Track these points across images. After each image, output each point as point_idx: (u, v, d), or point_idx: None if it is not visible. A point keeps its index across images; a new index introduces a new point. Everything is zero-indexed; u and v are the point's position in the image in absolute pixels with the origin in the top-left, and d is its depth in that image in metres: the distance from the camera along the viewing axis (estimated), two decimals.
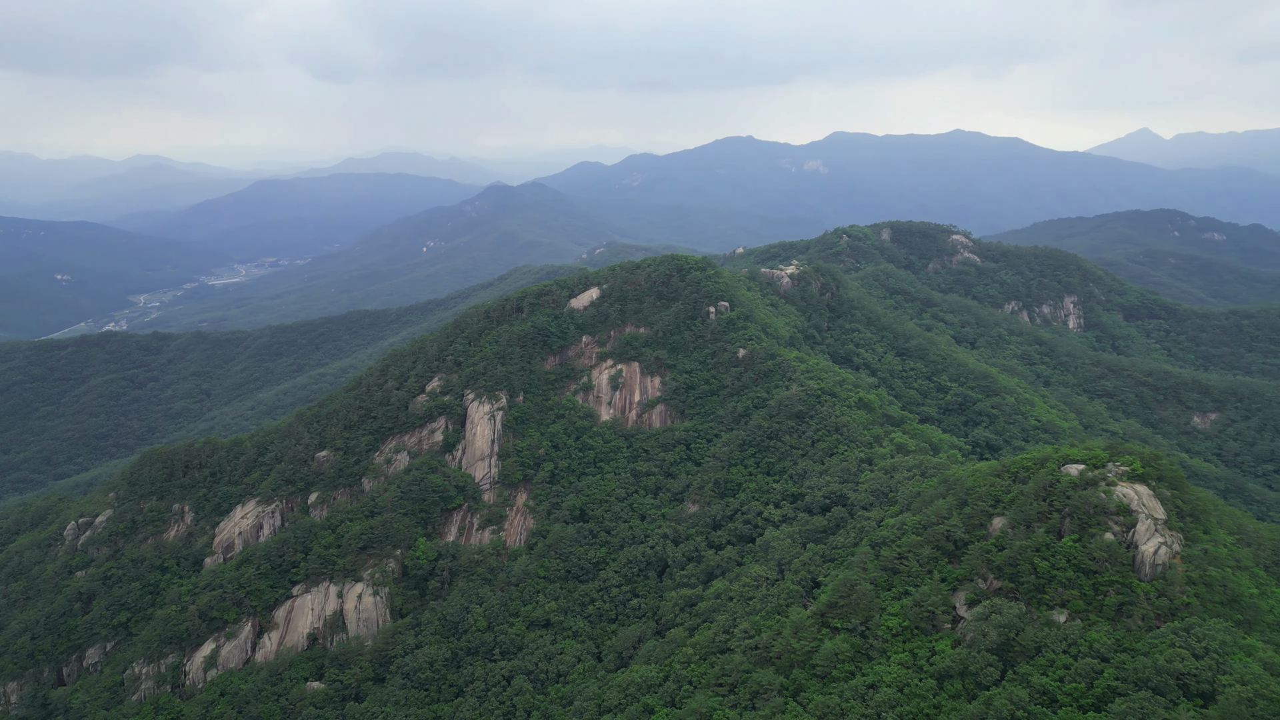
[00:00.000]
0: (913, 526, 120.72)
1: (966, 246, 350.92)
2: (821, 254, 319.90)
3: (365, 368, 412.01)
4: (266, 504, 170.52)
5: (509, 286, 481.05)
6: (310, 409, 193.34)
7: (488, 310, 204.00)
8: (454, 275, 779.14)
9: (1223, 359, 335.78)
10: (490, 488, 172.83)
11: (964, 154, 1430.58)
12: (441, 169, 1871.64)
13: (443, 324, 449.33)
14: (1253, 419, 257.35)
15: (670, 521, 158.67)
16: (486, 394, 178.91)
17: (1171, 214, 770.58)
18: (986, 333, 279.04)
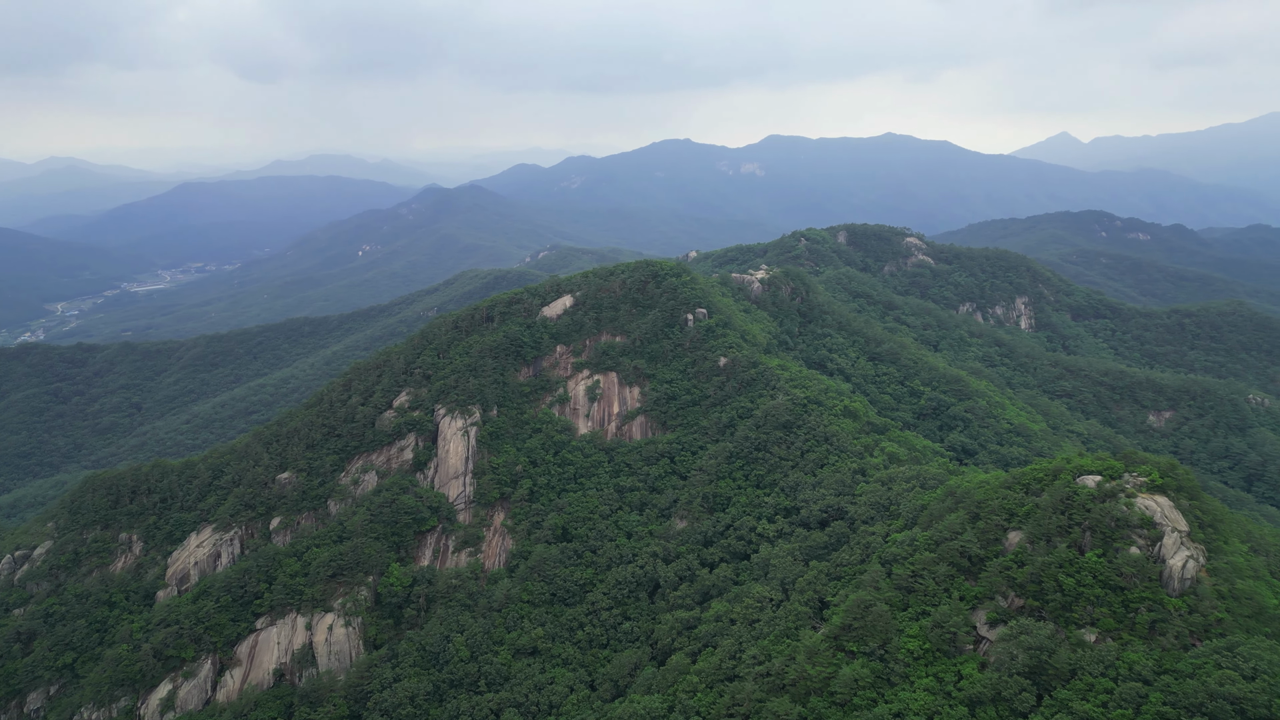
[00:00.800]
0: (925, 543, 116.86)
1: (920, 249, 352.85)
2: (780, 257, 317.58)
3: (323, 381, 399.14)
4: (224, 531, 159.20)
5: (456, 291, 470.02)
6: (269, 428, 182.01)
7: (456, 320, 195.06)
8: (393, 280, 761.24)
9: (1167, 357, 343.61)
10: (465, 507, 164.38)
11: (896, 157, 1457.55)
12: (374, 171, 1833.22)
13: (389, 330, 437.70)
14: (1206, 416, 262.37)
15: (659, 539, 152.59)
16: (459, 408, 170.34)
17: (1099, 215, 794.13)
18: (948, 335, 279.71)
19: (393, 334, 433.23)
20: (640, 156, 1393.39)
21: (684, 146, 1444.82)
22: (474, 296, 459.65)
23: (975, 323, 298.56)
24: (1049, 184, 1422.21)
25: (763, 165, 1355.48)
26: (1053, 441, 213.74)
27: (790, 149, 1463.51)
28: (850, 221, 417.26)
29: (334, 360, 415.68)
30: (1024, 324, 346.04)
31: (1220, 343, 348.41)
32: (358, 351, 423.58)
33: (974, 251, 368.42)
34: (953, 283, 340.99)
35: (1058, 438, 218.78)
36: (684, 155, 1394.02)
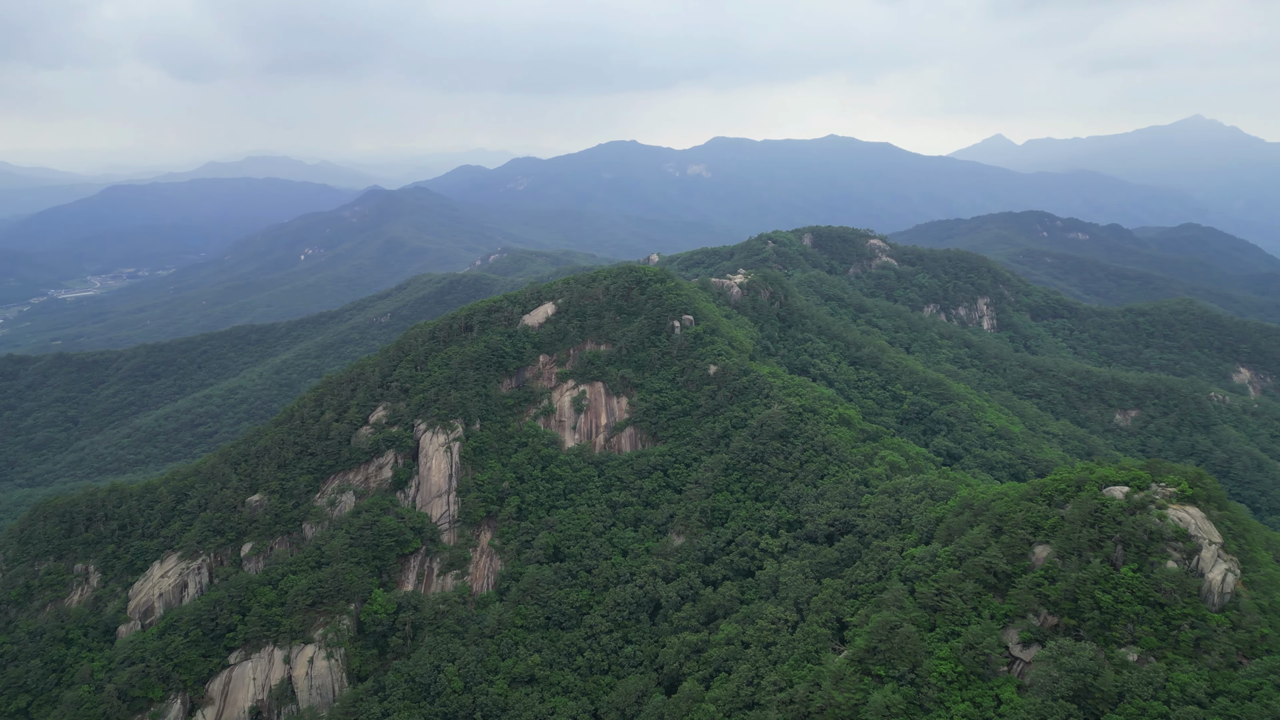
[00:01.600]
0: (947, 559, 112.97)
1: (884, 250, 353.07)
2: (747, 260, 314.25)
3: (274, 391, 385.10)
4: (191, 559, 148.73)
5: (410, 296, 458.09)
6: (236, 447, 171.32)
7: (433, 330, 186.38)
8: (338, 284, 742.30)
9: (1123, 355, 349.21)
10: (450, 527, 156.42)
11: (839, 158, 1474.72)
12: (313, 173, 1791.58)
13: (341, 337, 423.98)
14: (1170, 415, 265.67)
15: (657, 557, 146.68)
16: (440, 423, 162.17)
17: (1040, 215, 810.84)
18: (919, 337, 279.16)
19: (345, 341, 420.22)
20: (587, 158, 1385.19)
21: (630, 148, 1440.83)
22: (429, 301, 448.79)
23: (945, 325, 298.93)
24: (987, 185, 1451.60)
25: (709, 167, 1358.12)
26: (1033, 444, 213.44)
27: (735, 150, 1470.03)
28: (797, 223, 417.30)
29: (284, 369, 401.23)
30: (986, 324, 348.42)
31: (1174, 340, 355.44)
32: (309, 360, 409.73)
33: (936, 253, 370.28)
34: (917, 284, 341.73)
35: (1038, 440, 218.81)
36: (631, 157, 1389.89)
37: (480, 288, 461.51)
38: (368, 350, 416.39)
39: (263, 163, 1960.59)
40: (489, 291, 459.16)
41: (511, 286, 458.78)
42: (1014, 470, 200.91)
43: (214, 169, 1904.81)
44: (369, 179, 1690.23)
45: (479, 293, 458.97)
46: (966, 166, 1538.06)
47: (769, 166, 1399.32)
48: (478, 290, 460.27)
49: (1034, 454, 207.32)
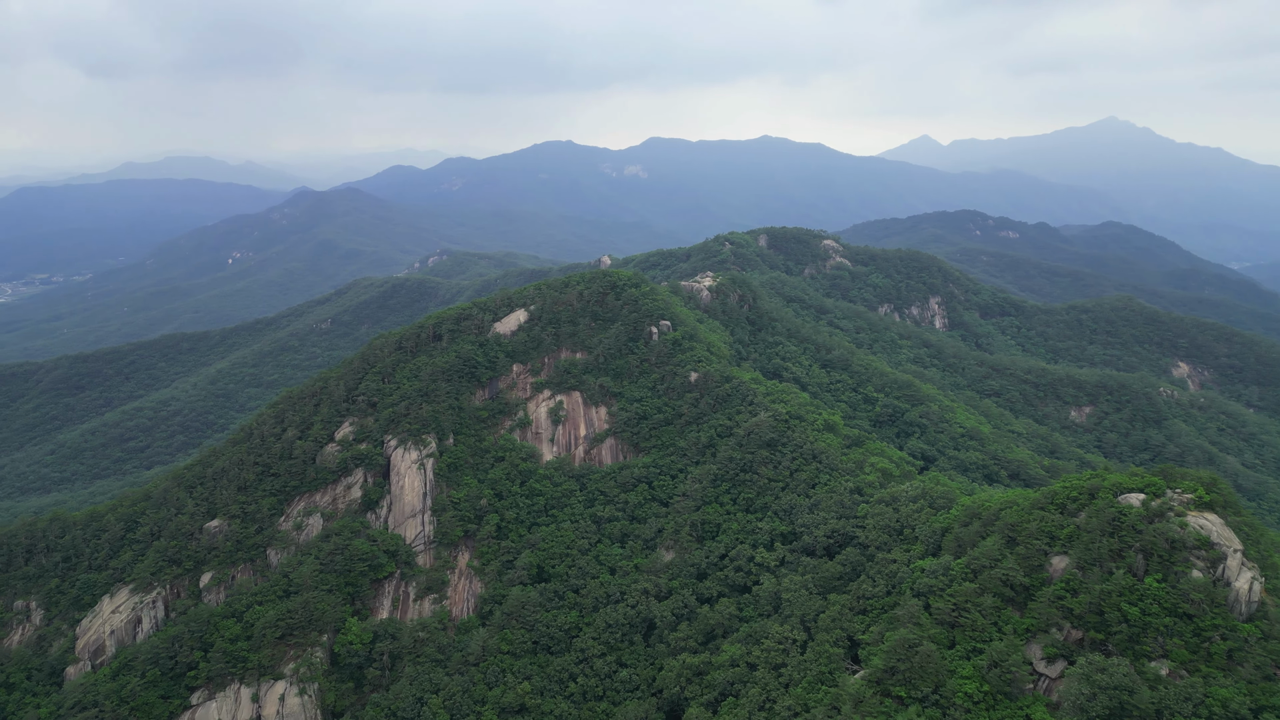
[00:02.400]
0: (961, 572, 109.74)
1: (838, 251, 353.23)
2: (705, 262, 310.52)
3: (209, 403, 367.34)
4: (145, 592, 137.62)
5: (350, 301, 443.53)
6: (190, 469, 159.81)
7: (399, 339, 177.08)
8: (269, 289, 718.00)
9: (1069, 352, 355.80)
10: (425, 549, 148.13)
11: (773, 158, 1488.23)
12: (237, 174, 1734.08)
13: (279, 345, 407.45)
14: (1123, 410, 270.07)
15: (647, 574, 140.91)
16: (412, 438, 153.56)
17: (972, 214, 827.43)
18: (880, 337, 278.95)
19: (285, 348, 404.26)
20: (522, 158, 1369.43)
21: (566, 148, 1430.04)
22: (371, 306, 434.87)
23: (904, 325, 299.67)
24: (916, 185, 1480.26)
25: (645, 167, 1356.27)
26: (1004, 445, 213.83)
27: (671, 151, 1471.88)
28: (734, 223, 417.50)
29: (220, 379, 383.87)
30: (938, 323, 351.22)
31: (1116, 336, 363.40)
32: (246, 369, 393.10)
33: (888, 253, 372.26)
34: (871, 284, 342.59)
35: (1007, 440, 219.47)
36: (566, 157, 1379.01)
37: (424, 291, 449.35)
38: (308, 358, 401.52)
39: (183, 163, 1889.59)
40: (433, 295, 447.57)
41: (457, 290, 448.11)
42: (988, 471, 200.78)
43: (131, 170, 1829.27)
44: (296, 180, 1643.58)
45: (423, 297, 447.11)
46: (896, 167, 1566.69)
47: (705, 167, 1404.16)
48: (421, 294, 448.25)
49: (1005, 454, 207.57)
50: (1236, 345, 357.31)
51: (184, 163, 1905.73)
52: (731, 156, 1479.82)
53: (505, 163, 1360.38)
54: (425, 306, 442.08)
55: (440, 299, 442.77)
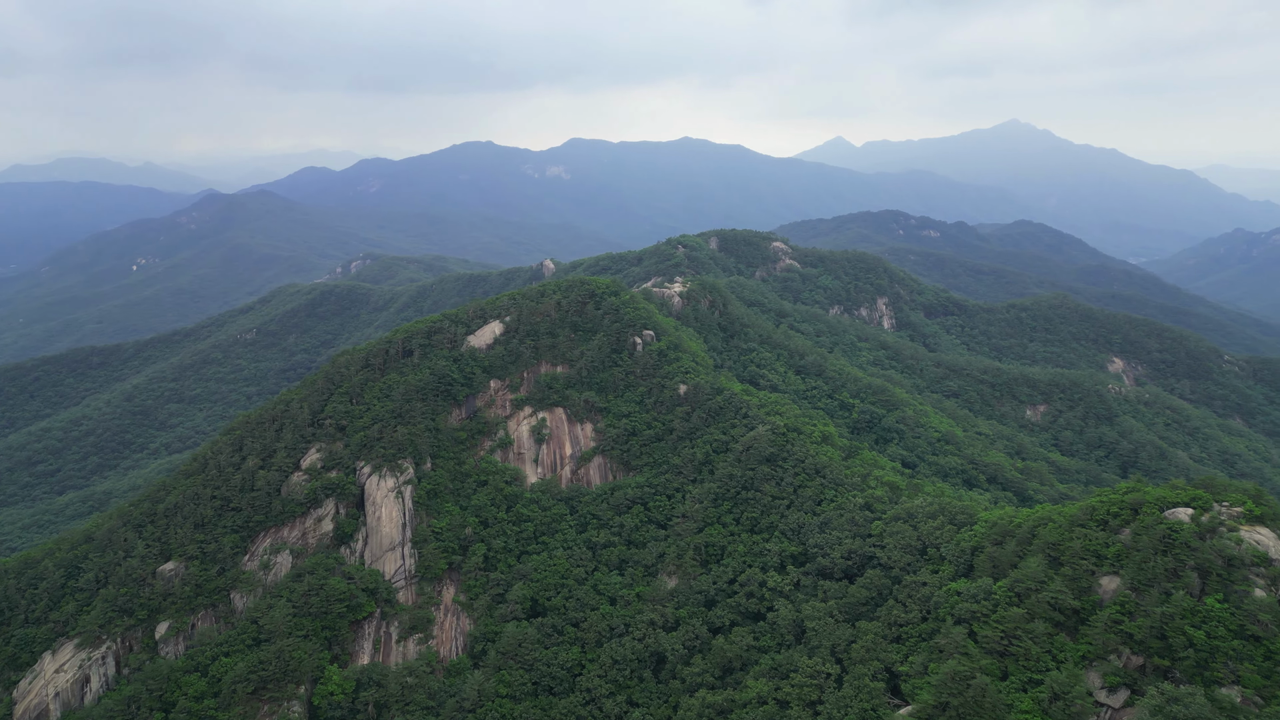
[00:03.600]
0: (1005, 595, 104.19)
1: (787, 253, 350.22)
2: (658, 266, 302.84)
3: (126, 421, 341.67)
4: (92, 646, 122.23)
5: (277, 310, 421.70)
6: (138, 505, 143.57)
7: (366, 356, 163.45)
8: (180, 296, 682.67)
9: (1011, 350, 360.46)
10: (406, 584, 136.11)
11: (694, 160, 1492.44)
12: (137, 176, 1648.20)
13: (202, 357, 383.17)
14: (1077, 408, 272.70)
15: (651, 603, 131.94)
16: (387, 464, 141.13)
17: (895, 214, 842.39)
18: (840, 340, 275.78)
19: (207, 361, 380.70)
20: (441, 159, 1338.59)
21: (486, 149, 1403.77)
22: (300, 314, 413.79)
23: (863, 327, 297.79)
24: (833, 186, 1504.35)
25: (568, 169, 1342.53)
26: (978, 448, 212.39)
27: (593, 152, 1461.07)
28: (660, 224, 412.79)
29: (137, 395, 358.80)
30: (886, 324, 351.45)
31: (1054, 334, 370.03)
32: (166, 384, 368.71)
33: (836, 254, 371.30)
34: (821, 286, 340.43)
35: (981, 442, 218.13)
36: (487, 158, 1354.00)
37: (354, 298, 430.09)
38: (234, 371, 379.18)
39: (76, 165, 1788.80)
40: (365, 302, 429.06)
41: (390, 297, 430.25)
42: (967, 476, 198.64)
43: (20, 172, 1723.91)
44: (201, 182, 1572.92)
45: (354, 304, 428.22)
46: (813, 168, 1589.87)
47: (627, 168, 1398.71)
48: (352, 301, 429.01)
49: (982, 458, 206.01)
50: (1167, 340, 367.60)
51: (78, 164, 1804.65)
52: (653, 158, 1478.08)
53: (424, 164, 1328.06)
54: (356, 314, 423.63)
55: (372, 306, 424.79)
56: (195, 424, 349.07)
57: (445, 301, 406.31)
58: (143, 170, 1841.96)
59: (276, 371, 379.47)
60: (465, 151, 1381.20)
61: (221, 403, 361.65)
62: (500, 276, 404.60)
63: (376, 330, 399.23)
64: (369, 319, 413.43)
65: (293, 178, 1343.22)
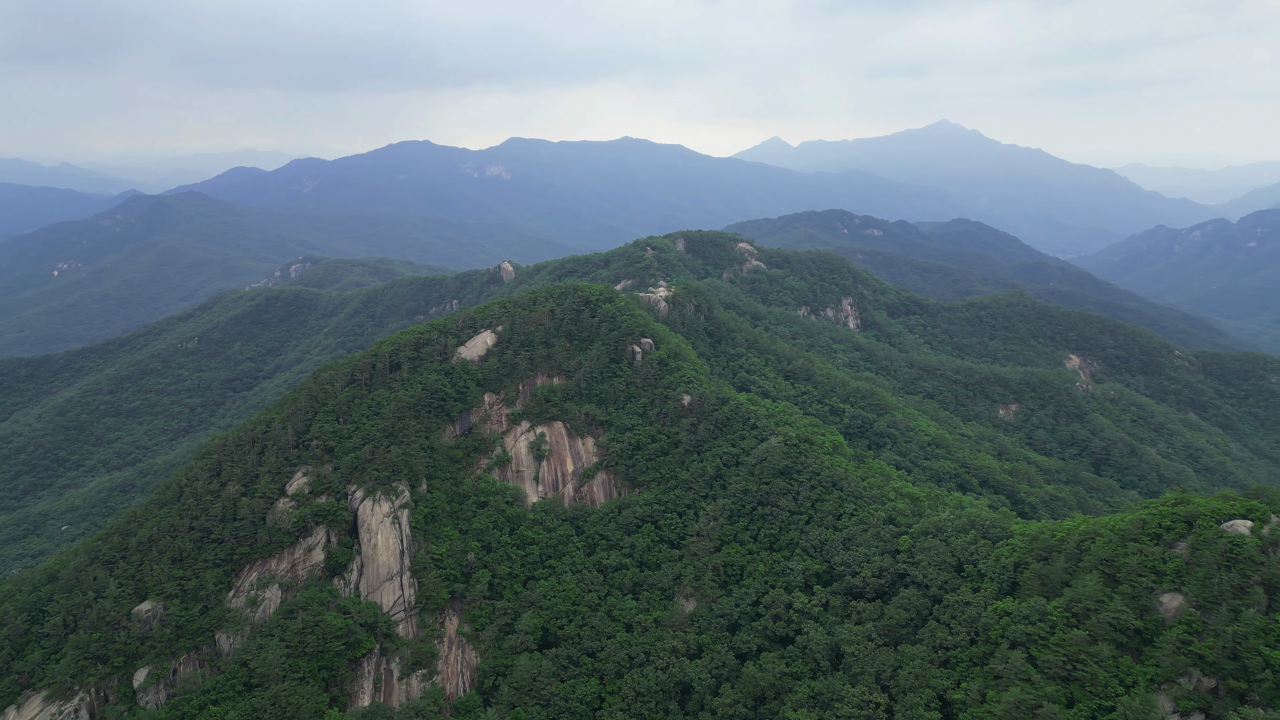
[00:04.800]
0: (1061, 616, 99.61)
1: (753, 254, 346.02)
2: (627, 269, 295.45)
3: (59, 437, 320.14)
4: (63, 699, 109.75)
5: (219, 316, 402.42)
6: (106, 540, 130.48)
7: (352, 371, 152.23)
8: (107, 303, 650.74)
9: (973, 348, 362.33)
10: (406, 617, 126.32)
11: (634, 159, 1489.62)
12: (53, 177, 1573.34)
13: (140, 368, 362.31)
14: (1048, 406, 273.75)
15: (671, 629, 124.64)
16: (381, 487, 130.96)
17: (840, 214, 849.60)
18: (816, 342, 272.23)
19: (147, 372, 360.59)
20: (377, 159, 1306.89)
21: (424, 149, 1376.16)
22: (245, 321, 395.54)
23: (836, 329, 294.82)
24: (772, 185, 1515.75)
25: (508, 168, 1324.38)
26: (967, 451, 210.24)
27: (533, 152, 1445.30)
28: (603, 225, 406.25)
29: (70, 409, 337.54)
30: (851, 324, 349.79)
31: (1013, 331, 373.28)
32: (101, 397, 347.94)
33: (800, 255, 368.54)
34: (788, 287, 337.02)
35: (970, 444, 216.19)
36: (425, 158, 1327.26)
37: (302, 304, 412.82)
38: (175, 382, 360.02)
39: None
40: (313, 307, 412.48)
41: (340, 302, 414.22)
42: (961, 480, 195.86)
43: None
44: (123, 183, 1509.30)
45: (301, 309, 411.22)
46: (753, 168, 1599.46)
47: (567, 168, 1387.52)
48: (300, 306, 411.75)
49: (972, 461, 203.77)
50: (1120, 336, 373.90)
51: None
52: (593, 157, 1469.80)
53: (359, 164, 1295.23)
54: (304, 319, 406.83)
55: (321, 311, 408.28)
56: (135, 439, 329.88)
57: (399, 306, 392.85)
58: (59, 171, 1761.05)
59: (222, 381, 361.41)
60: (402, 151, 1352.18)
61: (163, 415, 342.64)
62: (456, 280, 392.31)
63: (327, 336, 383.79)
64: (318, 325, 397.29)
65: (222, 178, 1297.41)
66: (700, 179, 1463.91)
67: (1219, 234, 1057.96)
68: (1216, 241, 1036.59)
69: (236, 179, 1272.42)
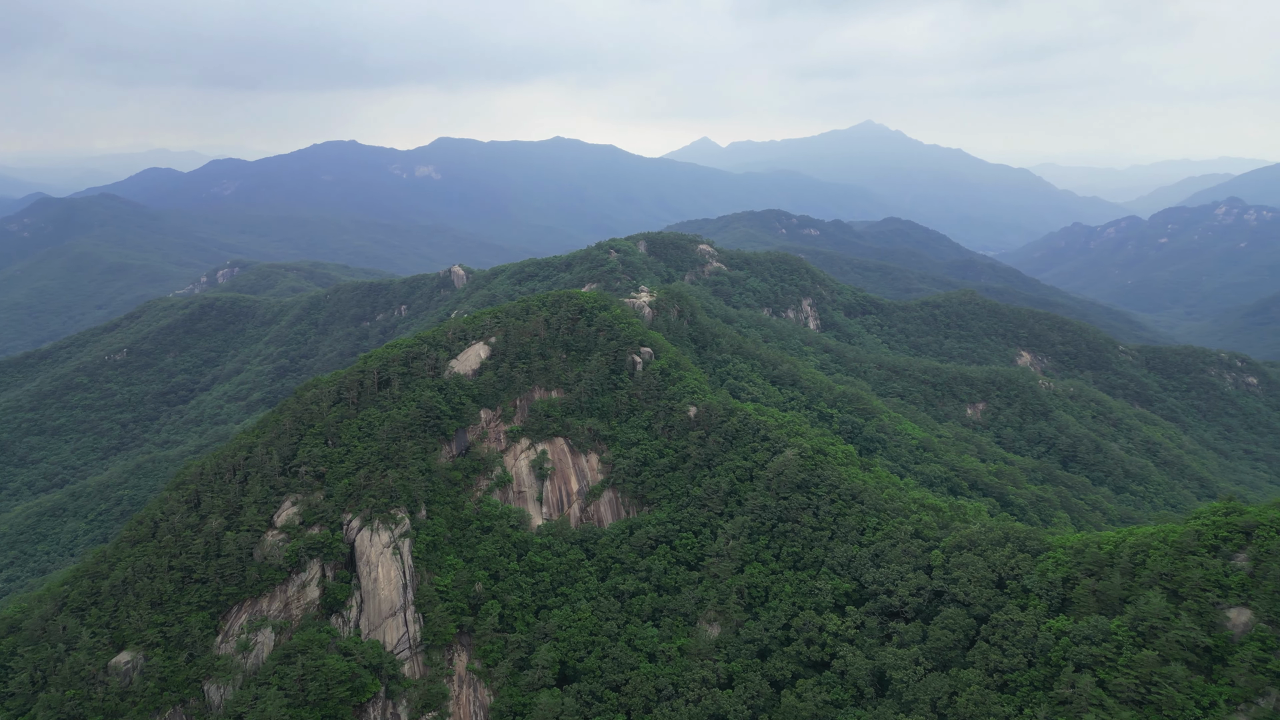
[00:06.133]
0: (1127, 635, 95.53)
1: (714, 256, 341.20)
2: (592, 272, 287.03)
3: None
4: None
5: (149, 327, 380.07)
6: (75, 583, 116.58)
7: (338, 389, 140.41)
8: (16, 313, 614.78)
9: (929, 346, 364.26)
10: (412, 655, 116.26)
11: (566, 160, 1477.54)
12: None
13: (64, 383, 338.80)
14: (1014, 405, 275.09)
15: (697, 657, 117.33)
16: (379, 516, 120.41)
17: (778, 213, 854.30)
18: (787, 345, 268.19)
19: (71, 386, 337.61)
20: (302, 159, 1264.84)
21: (351, 149, 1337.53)
22: (178, 331, 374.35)
23: (807, 331, 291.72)
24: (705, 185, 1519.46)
25: (438, 168, 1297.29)
26: (954, 453, 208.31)
27: (463, 151, 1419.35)
28: (538, 225, 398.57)
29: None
30: (812, 324, 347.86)
31: (967, 330, 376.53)
32: (22, 414, 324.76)
33: (760, 256, 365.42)
34: (750, 289, 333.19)
35: (954, 446, 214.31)
36: (352, 158, 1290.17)
37: (238, 311, 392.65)
38: (104, 396, 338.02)
39: None
40: (251, 314, 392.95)
41: (280, 309, 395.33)
42: (951, 484, 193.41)
43: None
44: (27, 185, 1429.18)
45: (238, 317, 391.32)
46: (685, 168, 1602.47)
47: (499, 168, 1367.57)
48: (237, 314, 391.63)
49: (960, 464, 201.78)
50: (1068, 333, 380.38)
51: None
52: (525, 157, 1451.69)
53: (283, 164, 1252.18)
54: (241, 328, 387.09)
55: (260, 319, 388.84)
56: (63, 458, 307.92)
57: (343, 312, 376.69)
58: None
59: (155, 395, 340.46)
60: (327, 151, 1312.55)
61: (92, 433, 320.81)
62: (403, 285, 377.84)
63: (267, 346, 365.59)
64: (257, 333, 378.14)
65: (135, 180, 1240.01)
66: (633, 179, 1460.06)
67: (1132, 231, 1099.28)
68: (1130, 238, 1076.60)
69: (151, 180, 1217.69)
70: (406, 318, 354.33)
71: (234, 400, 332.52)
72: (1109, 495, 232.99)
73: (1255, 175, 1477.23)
